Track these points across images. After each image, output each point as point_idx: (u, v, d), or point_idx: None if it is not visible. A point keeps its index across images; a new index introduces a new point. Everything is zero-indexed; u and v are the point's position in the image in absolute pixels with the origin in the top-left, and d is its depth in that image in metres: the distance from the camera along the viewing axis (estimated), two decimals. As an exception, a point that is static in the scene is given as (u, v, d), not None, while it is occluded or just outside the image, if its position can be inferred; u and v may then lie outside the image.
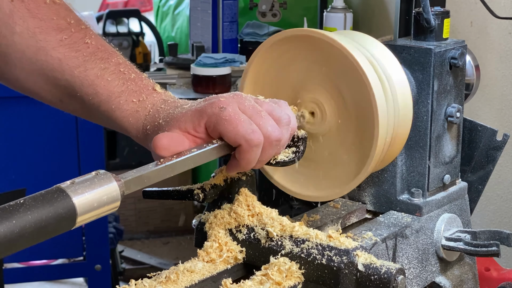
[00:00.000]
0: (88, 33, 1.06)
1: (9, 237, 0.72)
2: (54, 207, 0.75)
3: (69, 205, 0.77)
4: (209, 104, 0.98)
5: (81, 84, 1.04)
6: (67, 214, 0.77)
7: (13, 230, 0.72)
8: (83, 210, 0.78)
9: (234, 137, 0.96)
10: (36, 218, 0.74)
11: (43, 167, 2.90)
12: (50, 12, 1.04)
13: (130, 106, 1.04)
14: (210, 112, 0.97)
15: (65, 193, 0.77)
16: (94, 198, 0.79)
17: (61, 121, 2.87)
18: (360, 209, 1.25)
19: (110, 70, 1.05)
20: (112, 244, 3.29)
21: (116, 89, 1.04)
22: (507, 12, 1.99)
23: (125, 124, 1.05)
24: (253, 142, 0.96)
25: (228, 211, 1.06)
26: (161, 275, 0.97)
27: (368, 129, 1.07)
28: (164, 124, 1.01)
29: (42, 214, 0.74)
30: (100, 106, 1.05)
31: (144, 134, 1.04)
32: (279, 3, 3.02)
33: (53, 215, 0.75)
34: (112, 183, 0.82)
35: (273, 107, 1.02)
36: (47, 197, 0.76)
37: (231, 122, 0.96)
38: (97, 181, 0.80)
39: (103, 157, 3.00)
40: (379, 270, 0.93)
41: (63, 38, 1.04)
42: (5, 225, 0.72)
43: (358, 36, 1.15)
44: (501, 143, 1.30)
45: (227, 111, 0.97)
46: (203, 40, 3.24)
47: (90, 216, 0.79)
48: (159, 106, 1.04)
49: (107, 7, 5.89)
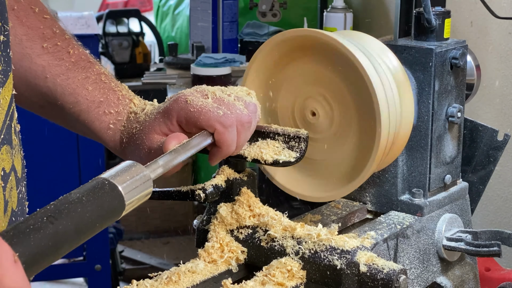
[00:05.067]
0: (71, 42, 1.09)
1: (79, 230, 0.74)
2: (107, 197, 0.78)
3: (119, 195, 0.79)
4: (174, 101, 1.02)
5: (63, 92, 1.06)
6: (118, 204, 0.79)
7: (80, 223, 0.74)
8: (128, 198, 0.80)
9: (206, 123, 1.00)
10: (95, 210, 0.76)
11: (43, 167, 2.90)
12: (37, 21, 1.06)
13: (108, 117, 1.07)
14: (177, 108, 1.01)
15: (110, 183, 0.79)
16: (134, 186, 0.82)
17: (61, 121, 2.86)
18: (361, 209, 1.25)
19: (91, 79, 1.07)
20: (112, 244, 3.29)
21: (96, 99, 1.07)
22: (507, 12, 1.99)
23: (103, 136, 1.07)
24: (227, 123, 0.99)
25: (229, 212, 1.06)
26: (162, 276, 0.97)
27: (370, 129, 1.07)
28: (140, 134, 1.04)
29: (99, 206, 0.77)
30: (80, 116, 1.07)
31: (121, 147, 1.07)
32: (279, 3, 3.01)
33: (107, 206, 0.78)
34: (144, 172, 0.84)
35: (240, 94, 1.05)
36: (97, 191, 0.78)
37: (200, 111, 1.00)
38: (134, 170, 0.83)
39: (103, 157, 3.00)
40: (381, 270, 0.93)
41: (48, 46, 1.06)
42: (73, 218, 0.73)
43: (359, 36, 1.15)
44: (502, 143, 1.30)
45: (193, 102, 1.00)
46: (203, 40, 3.24)
47: (132, 205, 0.81)
48: (132, 117, 1.06)
49: (107, 7, 5.89)
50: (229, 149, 1.02)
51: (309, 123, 1.13)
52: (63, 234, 0.72)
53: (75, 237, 0.74)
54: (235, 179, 1.08)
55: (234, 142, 1.01)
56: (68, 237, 0.73)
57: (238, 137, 1.02)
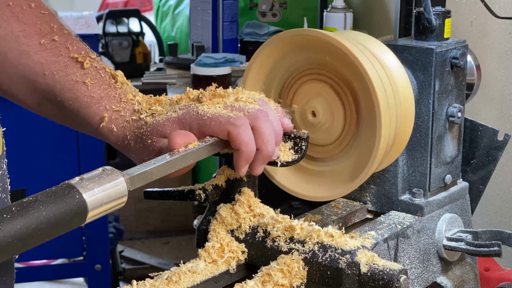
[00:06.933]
0: (70, 37, 1.07)
1: (25, 233, 0.72)
2: (66, 203, 0.75)
3: (80, 201, 0.77)
4: (187, 112, 1.01)
5: (62, 88, 1.05)
6: (78, 210, 0.77)
7: (29, 226, 0.72)
8: (93, 205, 0.78)
9: (219, 128, 0.98)
10: (50, 214, 0.74)
11: (43, 167, 2.90)
12: (34, 17, 1.05)
13: (110, 113, 1.05)
14: (189, 119, 1.00)
15: (75, 189, 0.77)
16: (103, 193, 0.79)
17: (61, 121, 2.86)
18: (362, 209, 1.25)
19: (91, 75, 1.06)
20: (112, 244, 3.29)
21: (96, 95, 1.05)
22: (507, 12, 1.99)
23: (104, 131, 1.06)
24: (238, 122, 0.97)
25: (229, 212, 1.06)
26: (162, 276, 0.97)
27: (370, 129, 1.07)
28: (148, 134, 1.02)
29: (56, 210, 0.74)
30: (80, 112, 1.06)
31: (124, 143, 1.05)
32: (279, 3, 3.01)
33: (65, 211, 0.75)
34: (119, 178, 0.82)
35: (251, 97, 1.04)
36: (59, 194, 0.76)
37: (211, 118, 0.99)
38: (105, 176, 0.81)
39: (103, 157, 3.00)
40: (381, 270, 0.93)
41: (46, 42, 1.05)
42: (21, 221, 0.72)
43: (359, 36, 1.15)
44: (502, 143, 1.30)
45: (204, 111, 1.00)
46: (203, 40, 3.24)
47: (99, 211, 0.79)
48: (137, 116, 1.05)
49: (107, 7, 5.89)
50: (248, 149, 0.99)
51: (309, 123, 1.13)
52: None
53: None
54: (235, 179, 1.08)
55: (252, 141, 0.99)
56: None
57: (258, 132, 0.99)
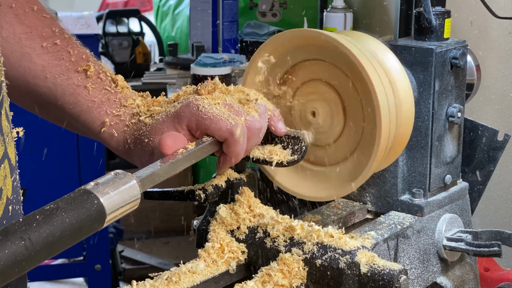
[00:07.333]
0: (71, 42, 1.07)
1: (51, 240, 0.73)
2: (86, 209, 0.77)
3: (99, 206, 0.78)
4: (186, 106, 1.00)
5: (63, 92, 1.05)
6: (97, 214, 0.78)
7: (54, 233, 0.73)
8: (111, 209, 0.80)
9: (217, 132, 0.98)
10: (73, 221, 0.75)
11: (43, 167, 2.89)
12: (36, 20, 1.05)
13: (110, 118, 1.05)
14: (188, 114, 1.00)
15: (92, 194, 0.78)
16: (118, 197, 0.81)
17: (61, 121, 2.86)
18: (361, 209, 1.25)
19: (92, 79, 1.06)
20: (112, 244, 3.29)
21: (97, 100, 1.06)
22: (507, 12, 1.98)
23: (105, 136, 1.06)
24: (237, 133, 0.98)
25: (228, 212, 1.06)
26: (162, 276, 0.97)
27: (370, 129, 1.07)
28: (147, 134, 1.02)
29: (77, 216, 0.76)
30: (80, 116, 1.06)
31: (125, 147, 1.05)
32: (279, 3, 3.01)
33: (86, 217, 0.77)
34: (132, 181, 0.83)
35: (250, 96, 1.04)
36: (78, 200, 0.77)
37: (211, 119, 0.98)
38: (119, 180, 0.82)
39: (103, 157, 3.00)
40: (381, 270, 0.93)
41: (48, 46, 1.05)
42: (47, 228, 0.73)
43: (359, 36, 1.15)
44: (502, 143, 1.30)
45: (205, 109, 0.99)
46: (203, 40, 3.24)
47: (116, 215, 0.81)
48: (137, 119, 1.05)
49: (107, 7, 5.89)
50: (238, 158, 1.01)
51: (309, 123, 1.13)
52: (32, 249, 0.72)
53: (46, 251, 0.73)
54: (235, 179, 1.08)
55: (243, 151, 1.01)
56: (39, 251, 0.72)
57: (247, 143, 1.01)
